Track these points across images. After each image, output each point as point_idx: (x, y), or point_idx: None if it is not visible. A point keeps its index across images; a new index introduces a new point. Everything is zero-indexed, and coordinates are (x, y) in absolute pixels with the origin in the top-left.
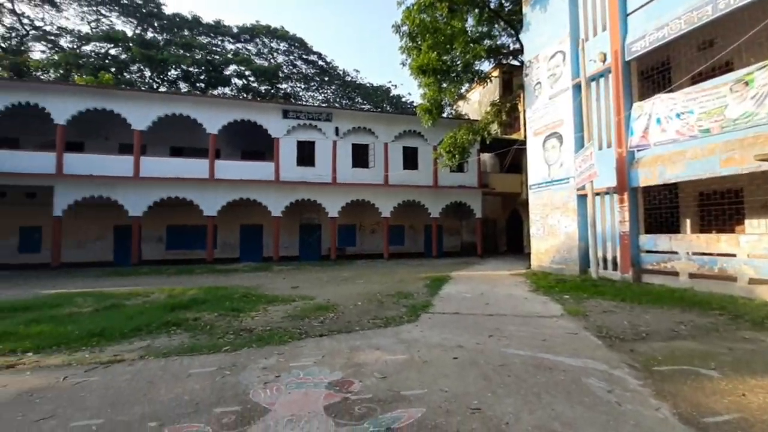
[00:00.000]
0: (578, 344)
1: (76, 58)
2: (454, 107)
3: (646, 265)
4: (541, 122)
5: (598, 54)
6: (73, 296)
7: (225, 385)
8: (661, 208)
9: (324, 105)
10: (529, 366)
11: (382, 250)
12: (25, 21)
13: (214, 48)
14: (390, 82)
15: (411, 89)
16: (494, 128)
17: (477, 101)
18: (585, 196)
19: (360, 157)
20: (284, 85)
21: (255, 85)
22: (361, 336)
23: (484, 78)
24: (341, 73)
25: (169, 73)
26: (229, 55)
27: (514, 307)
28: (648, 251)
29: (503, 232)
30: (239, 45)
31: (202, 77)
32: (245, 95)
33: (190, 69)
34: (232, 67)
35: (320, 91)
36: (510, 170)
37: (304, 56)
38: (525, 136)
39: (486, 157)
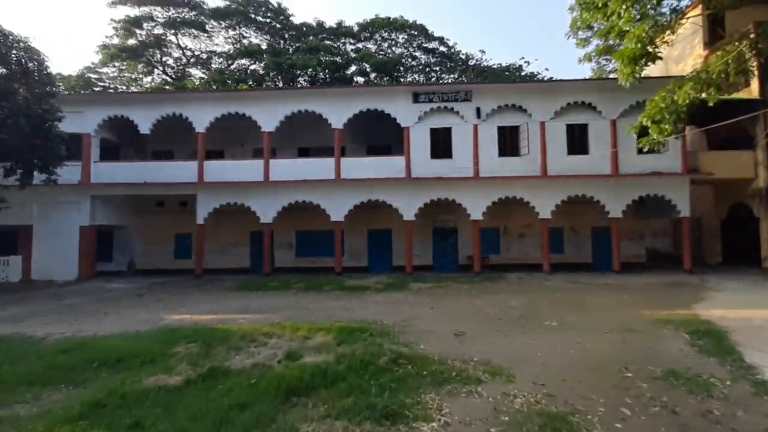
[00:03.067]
0: None
1: (222, 75)
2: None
3: None
4: None
5: None
6: (181, 337)
7: None
8: None
9: (462, 81)
10: None
11: (535, 258)
12: (188, 53)
13: (337, 50)
14: (522, 58)
15: (549, 64)
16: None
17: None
18: None
19: (508, 142)
20: (406, 78)
21: (377, 81)
22: None
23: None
24: (464, 57)
25: (298, 80)
26: (352, 55)
27: None
28: None
29: (715, 235)
30: (360, 45)
31: (327, 79)
32: None
33: (317, 71)
34: (354, 67)
35: (441, 81)
36: (725, 146)
37: (424, 45)
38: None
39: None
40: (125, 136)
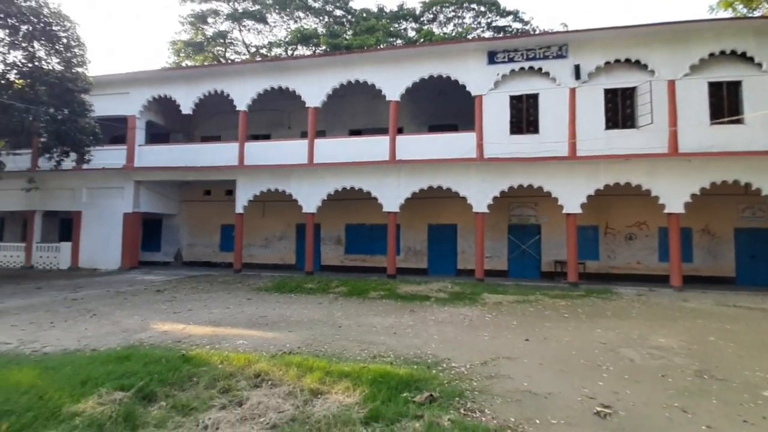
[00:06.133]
0: None
1: None
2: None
3: None
4: None
5: None
6: (127, 372)
7: None
8: None
9: (555, 31)
10: None
11: (648, 268)
12: (252, 49)
13: (397, 32)
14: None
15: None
16: None
17: None
18: None
19: (620, 110)
20: None
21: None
22: None
23: None
24: (541, 33)
25: None
26: (413, 36)
27: None
28: None
29: None
30: (424, 27)
31: None
32: None
33: None
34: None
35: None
36: None
37: (494, 23)
38: None
39: None
40: (173, 121)
